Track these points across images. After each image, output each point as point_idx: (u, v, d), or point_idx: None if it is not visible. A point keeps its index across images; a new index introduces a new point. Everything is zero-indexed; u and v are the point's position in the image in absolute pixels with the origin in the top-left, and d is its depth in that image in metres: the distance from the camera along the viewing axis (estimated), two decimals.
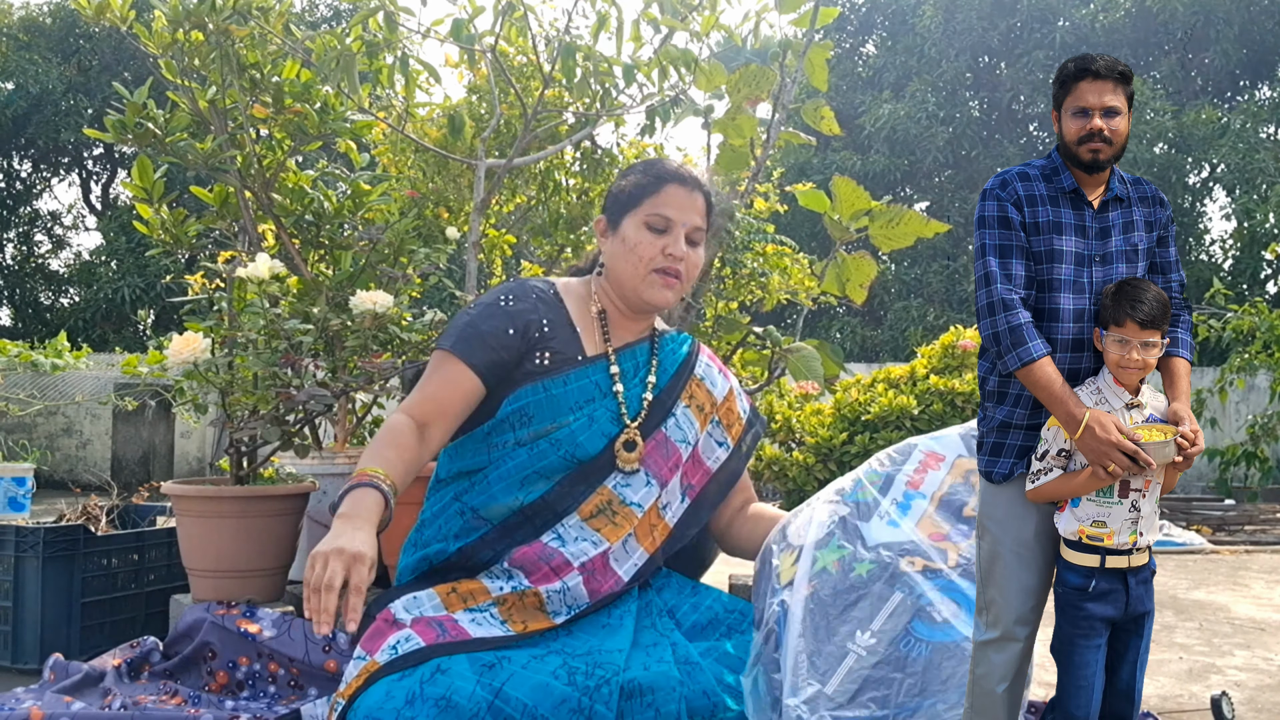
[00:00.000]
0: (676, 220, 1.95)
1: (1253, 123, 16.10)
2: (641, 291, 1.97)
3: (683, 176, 1.98)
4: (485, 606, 1.83)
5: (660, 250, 1.94)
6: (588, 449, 1.92)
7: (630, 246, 1.96)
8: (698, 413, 2.06)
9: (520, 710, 1.59)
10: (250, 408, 3.01)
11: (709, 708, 1.68)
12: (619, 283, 2.00)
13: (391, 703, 1.59)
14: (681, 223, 1.96)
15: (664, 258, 1.95)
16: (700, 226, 1.99)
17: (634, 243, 1.95)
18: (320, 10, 18.27)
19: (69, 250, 19.97)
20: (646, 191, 1.97)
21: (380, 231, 3.47)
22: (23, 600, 3.26)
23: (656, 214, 1.95)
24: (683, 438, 2.03)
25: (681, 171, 2.00)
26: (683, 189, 1.97)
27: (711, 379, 2.12)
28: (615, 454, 1.93)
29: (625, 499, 1.94)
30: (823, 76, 3.56)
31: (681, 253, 1.95)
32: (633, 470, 1.95)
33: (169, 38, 3.15)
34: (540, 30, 3.84)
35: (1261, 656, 3.71)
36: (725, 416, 2.11)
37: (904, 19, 19.07)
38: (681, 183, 1.97)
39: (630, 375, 2.03)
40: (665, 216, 1.95)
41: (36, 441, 11.75)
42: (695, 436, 2.07)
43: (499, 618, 1.80)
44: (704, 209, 2.00)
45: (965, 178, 18.30)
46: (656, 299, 1.97)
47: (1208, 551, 6.96)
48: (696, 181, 2.00)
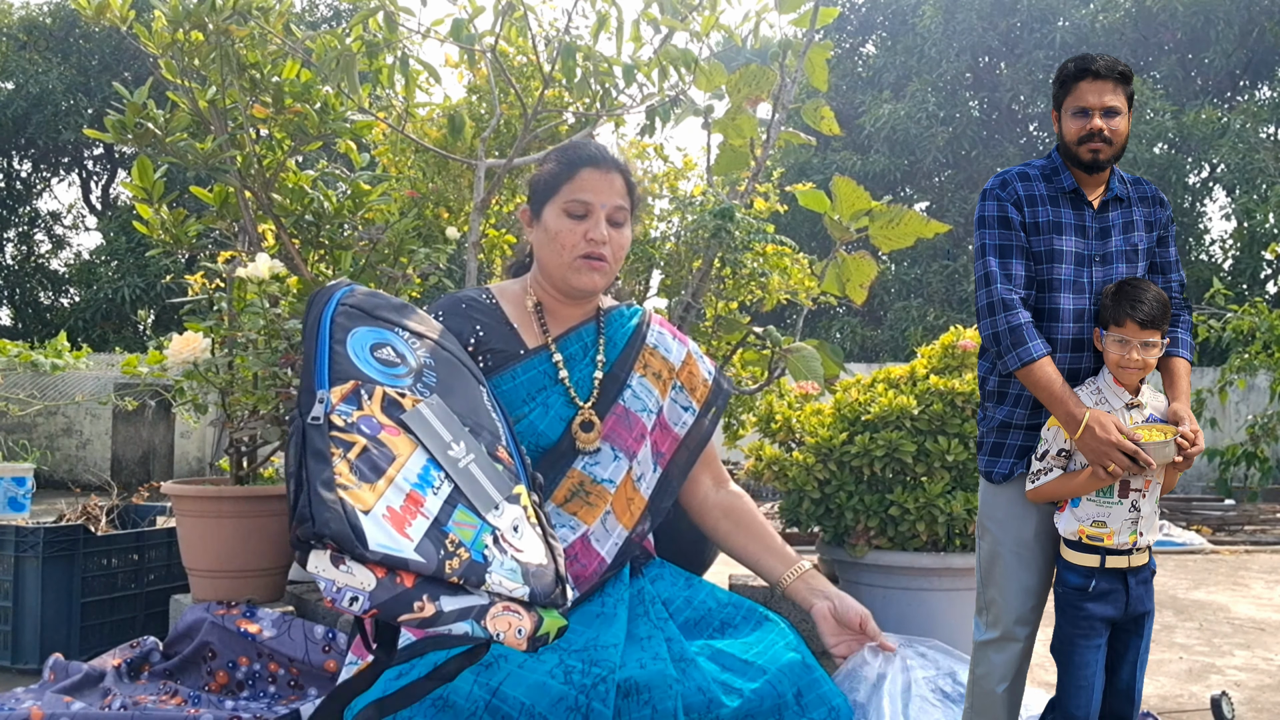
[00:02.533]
0: (595, 204, 1.97)
1: (1253, 123, 16.10)
2: (569, 278, 2.00)
3: (597, 159, 1.99)
4: None
5: (582, 236, 1.96)
6: (549, 435, 1.94)
7: (552, 235, 1.98)
8: (655, 380, 2.07)
9: (518, 709, 1.59)
10: (250, 408, 3.01)
11: (704, 704, 1.68)
12: (547, 272, 2.03)
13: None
14: (601, 205, 1.97)
15: (586, 243, 1.96)
16: (621, 206, 2.00)
17: (555, 231, 1.98)
18: (320, 10, 18.26)
19: (69, 250, 19.98)
20: (562, 178, 1.99)
21: (380, 231, 3.47)
22: (23, 600, 3.27)
23: (575, 200, 1.97)
24: (643, 407, 2.04)
25: (596, 154, 2.01)
26: (598, 171, 1.98)
27: (665, 345, 2.12)
28: (575, 436, 1.94)
29: (596, 477, 1.96)
30: (823, 76, 3.56)
31: (603, 236, 1.96)
32: (595, 449, 1.96)
33: (169, 38, 3.15)
34: (540, 30, 3.84)
35: (1261, 656, 3.71)
36: (688, 380, 2.12)
37: (904, 19, 19.07)
38: (596, 165, 1.98)
39: (579, 358, 2.04)
40: (584, 201, 1.97)
41: (36, 441, 11.76)
42: (657, 404, 2.07)
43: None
44: (624, 188, 2.01)
45: (965, 178, 18.30)
46: (584, 284, 1.99)
47: (1208, 551, 6.96)
48: (612, 162, 2.01)
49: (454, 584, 1.39)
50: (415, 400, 1.55)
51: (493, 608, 1.42)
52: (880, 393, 3.13)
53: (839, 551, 3.10)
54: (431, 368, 1.65)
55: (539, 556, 1.53)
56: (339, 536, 1.31)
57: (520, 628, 1.44)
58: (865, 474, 3.00)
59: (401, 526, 1.38)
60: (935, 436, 2.98)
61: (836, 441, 3.00)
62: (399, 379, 1.57)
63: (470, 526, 1.45)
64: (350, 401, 1.48)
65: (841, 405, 3.16)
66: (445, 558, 1.39)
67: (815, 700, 1.77)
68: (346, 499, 1.35)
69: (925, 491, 2.93)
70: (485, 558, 1.43)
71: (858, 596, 3.18)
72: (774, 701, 1.73)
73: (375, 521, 1.34)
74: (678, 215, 3.94)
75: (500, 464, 1.62)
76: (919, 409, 2.98)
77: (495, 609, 1.42)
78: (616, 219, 2.00)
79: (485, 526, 1.48)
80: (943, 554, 2.97)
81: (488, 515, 1.50)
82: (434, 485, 1.46)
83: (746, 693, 1.72)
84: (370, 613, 1.34)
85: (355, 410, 1.47)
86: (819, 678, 1.80)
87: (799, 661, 1.80)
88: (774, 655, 1.80)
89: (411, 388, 1.57)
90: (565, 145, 2.11)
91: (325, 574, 1.32)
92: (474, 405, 1.68)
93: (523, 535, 1.54)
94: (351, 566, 1.33)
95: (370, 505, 1.36)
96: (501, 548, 1.47)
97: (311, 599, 3.19)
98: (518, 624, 1.44)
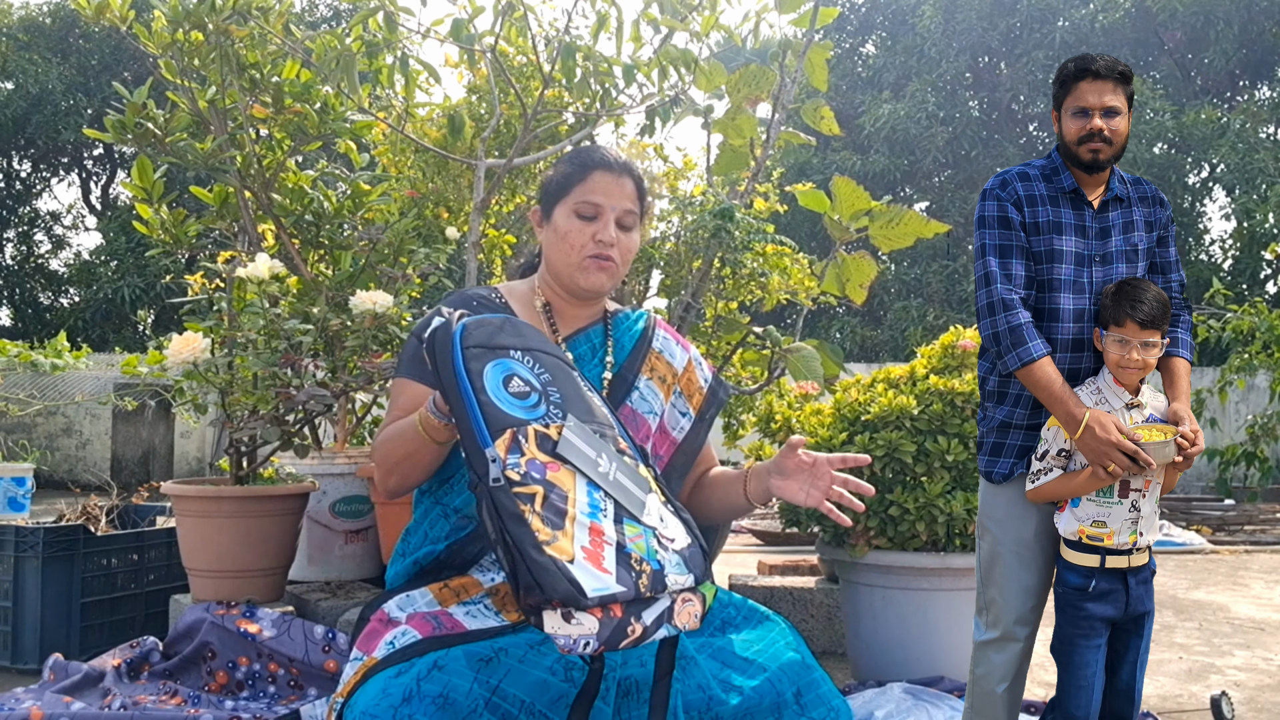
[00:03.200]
0: (605, 206, 1.98)
1: (1253, 123, 16.11)
2: (576, 278, 2.00)
3: (609, 162, 2.01)
4: (478, 599, 1.83)
5: (591, 237, 1.97)
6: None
7: (562, 235, 1.99)
8: (660, 384, 2.08)
9: (518, 706, 1.59)
10: (250, 408, 3.01)
11: (704, 701, 1.68)
12: (555, 272, 2.04)
13: (388, 700, 1.58)
14: (610, 208, 1.98)
15: (595, 244, 1.98)
16: (631, 210, 2.01)
17: (564, 231, 1.99)
18: (320, 10, 18.27)
19: (69, 250, 19.98)
20: (573, 180, 2.00)
21: (380, 231, 3.47)
22: (23, 600, 3.26)
23: (585, 201, 1.98)
24: (649, 409, 2.05)
25: (608, 157, 2.02)
26: (609, 174, 1.99)
27: (670, 351, 2.13)
28: None
29: None
30: (822, 76, 3.56)
31: (611, 238, 1.97)
32: None
33: (169, 38, 3.15)
34: (540, 30, 3.84)
35: (1261, 656, 3.71)
36: (686, 387, 2.13)
37: (904, 19, 19.08)
38: (608, 168, 2.00)
39: (588, 358, 2.05)
40: (593, 203, 1.98)
41: (36, 441, 11.76)
42: (660, 407, 2.08)
43: (493, 608, 1.80)
44: (634, 193, 2.02)
45: (965, 178, 18.31)
46: (591, 284, 2.00)
47: (1207, 551, 6.96)
48: (624, 166, 2.02)
49: (648, 598, 1.50)
50: (559, 428, 1.61)
51: (675, 605, 1.53)
52: (880, 393, 3.13)
53: (839, 551, 3.10)
54: (550, 382, 1.69)
55: (683, 536, 1.61)
56: (565, 597, 1.42)
57: (695, 613, 1.56)
58: (865, 474, 3.00)
59: (599, 563, 1.47)
60: (935, 436, 2.98)
61: (836, 441, 3.00)
62: (536, 409, 1.63)
63: (639, 537, 1.54)
64: (514, 451, 1.55)
65: (841, 405, 3.16)
66: (636, 578, 1.49)
67: (815, 700, 1.76)
68: (555, 555, 1.44)
69: (925, 491, 2.94)
70: (660, 563, 1.53)
71: (857, 596, 3.19)
72: (773, 700, 1.73)
73: (581, 568, 1.45)
74: (678, 215, 3.94)
75: (625, 455, 1.66)
76: (919, 409, 2.98)
77: (677, 605, 1.53)
78: (625, 223, 2.01)
79: (647, 531, 1.56)
80: (942, 554, 2.97)
81: (643, 518, 1.58)
82: (601, 509, 1.55)
83: (746, 690, 1.72)
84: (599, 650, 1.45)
85: (520, 458, 1.54)
86: (819, 678, 1.79)
87: (799, 661, 1.80)
88: (774, 654, 1.80)
89: (548, 414, 1.63)
90: (580, 149, 2.12)
91: (560, 631, 1.44)
92: (586, 403, 1.71)
93: (667, 522, 1.61)
94: (579, 617, 1.44)
95: (572, 554, 1.46)
96: (663, 544, 1.56)
97: (311, 599, 3.19)
98: (693, 611, 1.55)
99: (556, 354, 1.76)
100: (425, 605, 1.83)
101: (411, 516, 2.09)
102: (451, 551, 1.94)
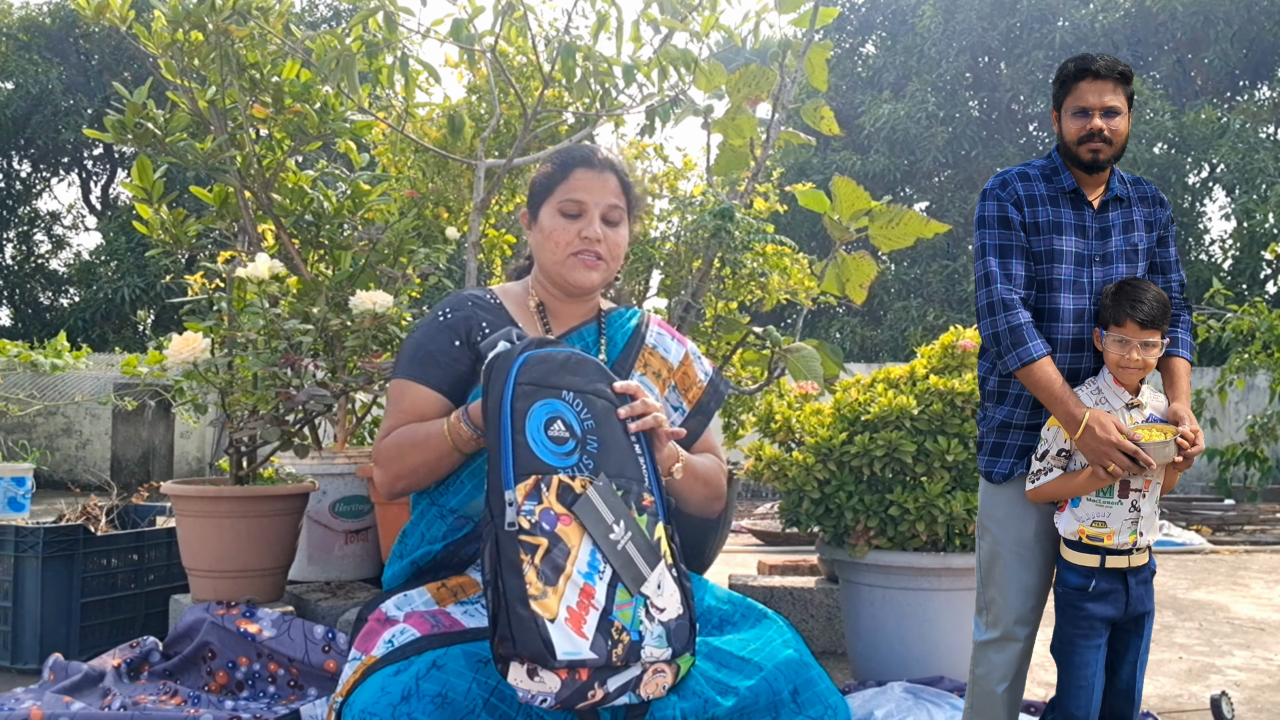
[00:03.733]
0: (589, 203, 1.99)
1: (1253, 123, 16.11)
2: (565, 275, 2.02)
3: (590, 159, 2.02)
4: (475, 599, 1.84)
5: (576, 234, 1.99)
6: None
7: (548, 234, 2.01)
8: (655, 379, 2.08)
9: (515, 707, 1.60)
10: (250, 408, 3.01)
11: (700, 704, 1.68)
12: (546, 271, 2.06)
13: (387, 698, 1.59)
14: (595, 204, 2.00)
15: (580, 241, 1.99)
16: (617, 205, 2.02)
17: (550, 230, 2.01)
18: (320, 10, 18.27)
19: (69, 250, 19.97)
20: (556, 179, 2.02)
21: (380, 231, 3.47)
22: (23, 600, 3.26)
23: (569, 199, 2.00)
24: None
25: (590, 154, 2.03)
26: (591, 171, 2.01)
27: (665, 346, 2.13)
28: None
29: None
30: (822, 76, 3.56)
31: (597, 234, 1.99)
32: None
33: (169, 38, 3.15)
34: (540, 30, 3.84)
35: (1261, 656, 3.71)
36: (681, 381, 2.13)
37: (904, 19, 19.08)
38: (589, 165, 2.01)
39: None
40: (577, 201, 2.00)
41: (36, 441, 11.76)
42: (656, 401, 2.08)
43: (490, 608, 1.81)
44: (618, 188, 2.03)
45: (965, 178, 18.31)
46: (581, 280, 2.02)
47: (1207, 551, 6.97)
48: (606, 162, 2.03)
49: (618, 667, 1.57)
50: (584, 483, 1.65)
51: (644, 675, 1.60)
52: (880, 393, 3.13)
53: (839, 551, 3.10)
54: (593, 430, 1.72)
55: (676, 607, 1.66)
56: (535, 655, 1.50)
57: (664, 684, 1.63)
58: (865, 474, 3.00)
59: (579, 626, 1.54)
60: (935, 436, 2.98)
61: (836, 441, 3.00)
62: (568, 458, 1.67)
63: (627, 606, 1.60)
64: (532, 498, 1.61)
65: (841, 405, 3.16)
66: (611, 647, 1.56)
67: (812, 698, 1.76)
68: (538, 611, 1.52)
69: (925, 491, 2.94)
70: (640, 634, 1.60)
71: (858, 596, 3.19)
72: (770, 699, 1.73)
73: (560, 629, 1.52)
74: (678, 215, 3.94)
75: (645, 513, 1.70)
76: (919, 409, 2.98)
77: (647, 675, 1.61)
78: (611, 218, 2.02)
79: (639, 600, 1.62)
80: (942, 554, 2.97)
81: (639, 588, 1.64)
82: (599, 571, 1.61)
83: (742, 690, 1.72)
84: (555, 706, 1.53)
85: (537, 505, 1.60)
86: (816, 675, 1.79)
87: (796, 659, 1.80)
88: (771, 652, 1.80)
89: (579, 465, 1.67)
90: (563, 148, 2.13)
91: (522, 685, 1.53)
92: (623, 454, 1.74)
93: (664, 590, 1.66)
94: (543, 675, 1.52)
95: (555, 613, 1.53)
96: (650, 615, 1.62)
97: (311, 599, 3.19)
98: (662, 681, 1.63)
99: (607, 396, 1.78)
100: (423, 604, 1.83)
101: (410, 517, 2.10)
102: (448, 551, 1.94)
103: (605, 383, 1.78)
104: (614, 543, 1.62)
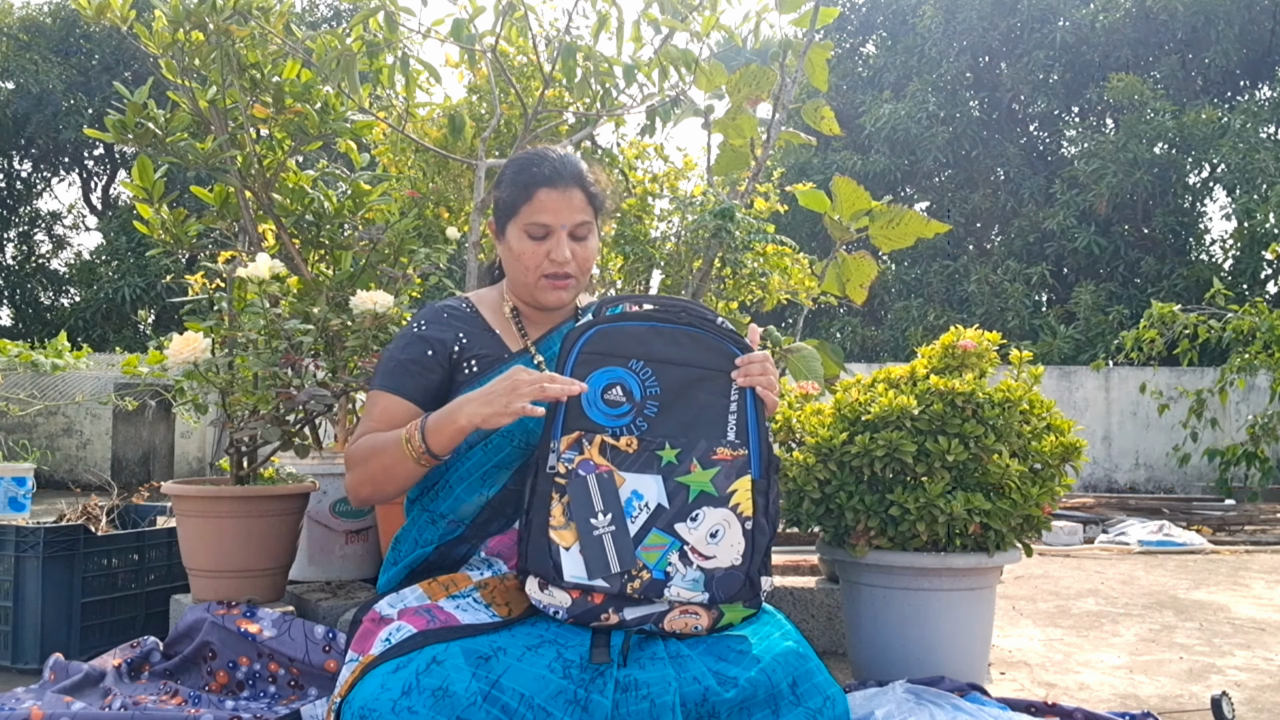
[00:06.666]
0: (554, 224, 1.98)
1: (1253, 123, 16.10)
2: (536, 296, 2.04)
3: (554, 180, 1.99)
4: (467, 592, 1.85)
5: (545, 256, 1.99)
6: (538, 432, 1.94)
7: (516, 255, 2.01)
8: None
9: (517, 699, 1.60)
10: (250, 408, 3.01)
11: (700, 694, 1.69)
12: (515, 288, 2.08)
13: (387, 694, 1.59)
14: (561, 225, 1.99)
15: (550, 263, 1.98)
16: (583, 220, 2.01)
17: (519, 252, 2.01)
18: (320, 10, 18.28)
19: (69, 250, 19.99)
20: (519, 200, 2.00)
21: (380, 231, 3.48)
22: (23, 600, 3.27)
23: (534, 223, 1.99)
24: None
25: (550, 173, 2.00)
26: (554, 191, 1.98)
27: None
28: None
29: None
30: (823, 76, 3.56)
31: (565, 256, 1.98)
32: None
33: (169, 38, 3.15)
34: (540, 30, 3.84)
35: (1262, 656, 3.71)
36: None
37: (904, 19, 19.08)
38: (552, 185, 1.98)
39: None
40: (542, 224, 1.98)
41: (36, 441, 11.76)
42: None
43: (483, 602, 1.82)
44: (584, 202, 2.01)
45: (966, 178, 18.31)
46: (551, 301, 2.04)
47: (1208, 552, 6.96)
48: (569, 177, 2.00)
49: (636, 599, 1.69)
50: (630, 441, 1.77)
51: (671, 612, 1.70)
52: (880, 393, 3.13)
53: (839, 551, 3.10)
54: (655, 396, 1.80)
55: (732, 558, 1.74)
56: (543, 573, 1.68)
57: (696, 624, 1.73)
58: (865, 474, 3.00)
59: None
60: (935, 436, 2.98)
61: (837, 441, 3.00)
62: (619, 419, 1.79)
63: (658, 548, 1.71)
64: (574, 449, 1.75)
65: (841, 405, 3.16)
66: (628, 581, 1.68)
67: (810, 689, 1.77)
68: (555, 540, 1.69)
69: (925, 491, 2.93)
70: (667, 574, 1.69)
71: (858, 596, 3.19)
72: (769, 690, 1.73)
73: (572, 556, 1.68)
74: (678, 215, 3.94)
75: (713, 467, 1.77)
76: (919, 409, 2.98)
77: (673, 613, 1.71)
78: (579, 233, 2.02)
79: (674, 544, 1.72)
80: (943, 554, 2.97)
81: (681, 532, 1.72)
82: (633, 515, 1.73)
83: (741, 681, 1.72)
84: (569, 620, 1.70)
85: (577, 455, 1.75)
86: (814, 667, 1.80)
87: (794, 651, 1.80)
88: (769, 645, 1.80)
89: (630, 425, 1.78)
90: (522, 161, 2.08)
91: (535, 595, 1.71)
92: (696, 412, 1.80)
93: (720, 539, 1.73)
94: (553, 591, 1.69)
95: (571, 542, 1.69)
96: (687, 560, 1.71)
97: (312, 599, 3.19)
98: (693, 622, 1.73)
99: (697, 364, 1.84)
100: (415, 600, 1.84)
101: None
102: (440, 554, 1.96)
103: (691, 355, 1.83)
104: (592, 527, 1.71)
